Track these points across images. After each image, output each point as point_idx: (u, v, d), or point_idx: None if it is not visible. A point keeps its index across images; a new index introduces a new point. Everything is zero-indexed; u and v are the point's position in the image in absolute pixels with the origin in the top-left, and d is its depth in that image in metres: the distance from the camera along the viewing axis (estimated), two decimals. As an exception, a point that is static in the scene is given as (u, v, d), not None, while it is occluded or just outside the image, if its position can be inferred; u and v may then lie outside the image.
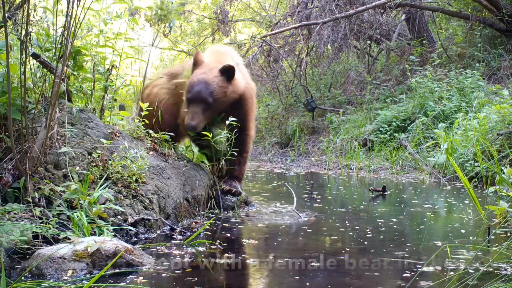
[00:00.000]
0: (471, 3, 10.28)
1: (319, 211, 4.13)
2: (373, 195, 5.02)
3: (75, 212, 2.82)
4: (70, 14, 3.05)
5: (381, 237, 3.26)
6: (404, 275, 2.42)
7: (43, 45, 3.41)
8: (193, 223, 3.51)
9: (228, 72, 3.73)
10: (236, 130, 3.89)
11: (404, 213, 4.09)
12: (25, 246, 2.52)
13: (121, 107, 4.88)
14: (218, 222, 3.61)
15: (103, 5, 3.83)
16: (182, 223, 3.48)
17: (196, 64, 3.86)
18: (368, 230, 3.43)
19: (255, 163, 9.04)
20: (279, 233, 3.33)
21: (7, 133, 3.03)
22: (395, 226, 3.58)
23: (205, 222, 3.51)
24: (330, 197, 5.00)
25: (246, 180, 6.18)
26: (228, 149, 3.97)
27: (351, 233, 3.35)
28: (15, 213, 2.74)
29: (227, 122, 3.77)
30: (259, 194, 5.07)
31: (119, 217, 3.05)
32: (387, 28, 11.12)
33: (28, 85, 3.21)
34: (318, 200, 4.71)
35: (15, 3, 3.55)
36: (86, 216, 2.82)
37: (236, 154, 3.99)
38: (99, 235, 2.73)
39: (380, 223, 3.65)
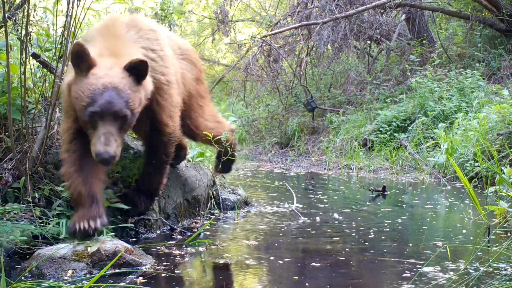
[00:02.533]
0: (471, 3, 10.28)
1: (319, 211, 4.13)
2: (373, 195, 5.03)
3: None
4: (70, 14, 3.05)
5: (383, 237, 3.26)
6: (404, 275, 2.42)
7: (43, 45, 3.41)
8: (193, 223, 3.51)
9: (139, 70, 2.58)
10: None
11: (405, 213, 4.09)
12: (25, 246, 2.52)
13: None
14: (218, 222, 3.61)
15: (103, 5, 3.83)
16: (182, 223, 3.48)
17: (78, 61, 2.52)
18: (368, 230, 3.43)
19: (255, 163, 9.04)
20: (280, 233, 3.33)
21: (7, 133, 3.03)
22: (399, 227, 3.58)
23: (205, 222, 3.51)
24: (330, 197, 5.00)
25: (246, 180, 6.18)
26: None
27: (351, 233, 3.35)
28: (15, 213, 2.74)
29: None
30: (259, 194, 5.07)
31: (119, 217, 3.05)
32: (387, 28, 11.12)
33: (28, 85, 3.21)
34: (318, 200, 4.71)
35: (15, 3, 3.55)
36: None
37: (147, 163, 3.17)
38: (99, 235, 2.73)
39: (380, 223, 3.65)
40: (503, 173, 4.06)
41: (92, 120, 2.48)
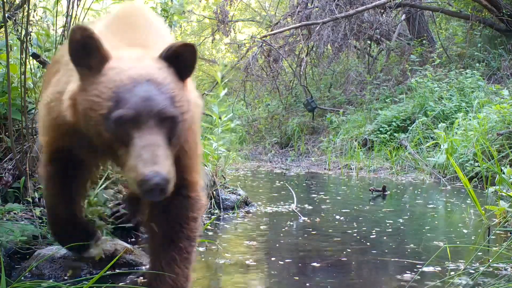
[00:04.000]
0: (471, 3, 10.29)
1: (319, 211, 4.13)
2: (373, 195, 5.02)
3: (75, 212, 2.81)
4: (70, 14, 3.05)
5: (383, 237, 3.25)
6: (404, 275, 2.42)
7: (43, 45, 3.41)
8: (193, 223, 3.50)
9: (184, 61, 1.67)
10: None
11: (405, 214, 4.09)
12: (25, 246, 2.52)
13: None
14: (218, 222, 3.61)
15: (103, 5, 3.82)
16: (182, 223, 3.47)
17: (83, 56, 1.61)
18: (369, 230, 3.43)
19: (255, 163, 9.04)
20: (280, 233, 3.33)
21: (7, 133, 3.03)
22: (400, 227, 3.58)
23: (205, 222, 3.51)
24: (330, 198, 5.00)
25: (246, 180, 6.18)
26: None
27: (352, 233, 3.35)
28: (15, 213, 2.74)
29: None
30: (259, 194, 5.06)
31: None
32: (387, 28, 11.13)
33: (28, 85, 3.21)
34: (319, 201, 4.71)
35: (15, 3, 3.55)
36: (86, 216, 2.82)
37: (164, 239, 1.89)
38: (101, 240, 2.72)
39: (381, 224, 3.64)
40: (503, 173, 4.06)
41: (120, 131, 1.54)
